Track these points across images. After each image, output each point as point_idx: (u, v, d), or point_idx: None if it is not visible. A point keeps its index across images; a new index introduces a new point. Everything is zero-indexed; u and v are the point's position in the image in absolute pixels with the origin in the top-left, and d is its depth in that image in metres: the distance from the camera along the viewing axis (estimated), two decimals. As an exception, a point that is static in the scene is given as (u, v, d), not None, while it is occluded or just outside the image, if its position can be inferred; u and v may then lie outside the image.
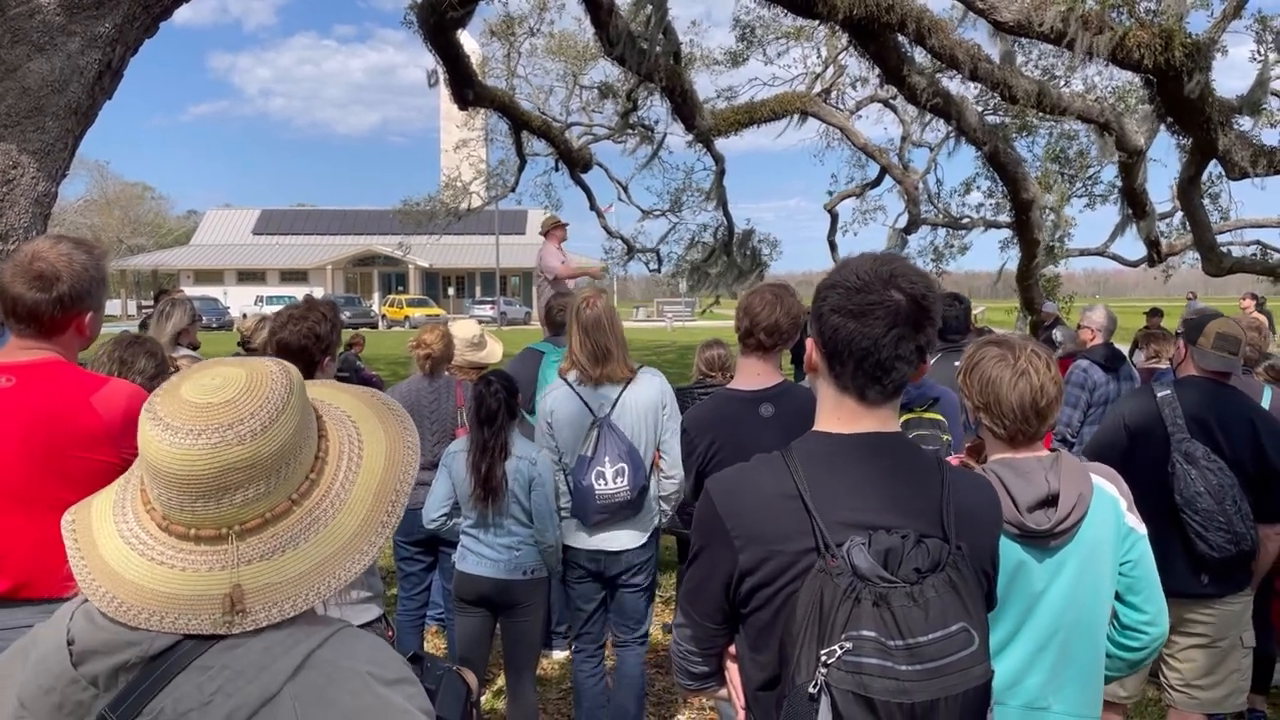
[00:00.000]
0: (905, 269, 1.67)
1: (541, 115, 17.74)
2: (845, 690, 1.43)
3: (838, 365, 1.65)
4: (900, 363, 1.63)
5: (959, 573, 1.52)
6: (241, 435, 1.10)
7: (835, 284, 1.67)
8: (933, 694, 1.44)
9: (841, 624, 1.45)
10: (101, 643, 1.11)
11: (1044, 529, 2.17)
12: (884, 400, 1.67)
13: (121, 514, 1.18)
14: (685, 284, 22.34)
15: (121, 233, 70.56)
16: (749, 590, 1.64)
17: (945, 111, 10.95)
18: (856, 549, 1.51)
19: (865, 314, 1.61)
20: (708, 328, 32.31)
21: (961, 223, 19.78)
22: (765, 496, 1.63)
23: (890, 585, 1.47)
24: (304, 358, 3.04)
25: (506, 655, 4.00)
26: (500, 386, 3.81)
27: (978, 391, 2.28)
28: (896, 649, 1.43)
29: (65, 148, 6.67)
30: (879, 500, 1.60)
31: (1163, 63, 7.89)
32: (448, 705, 1.41)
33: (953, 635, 1.47)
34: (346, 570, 1.17)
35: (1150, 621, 2.33)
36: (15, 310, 2.37)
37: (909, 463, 1.67)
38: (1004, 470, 2.24)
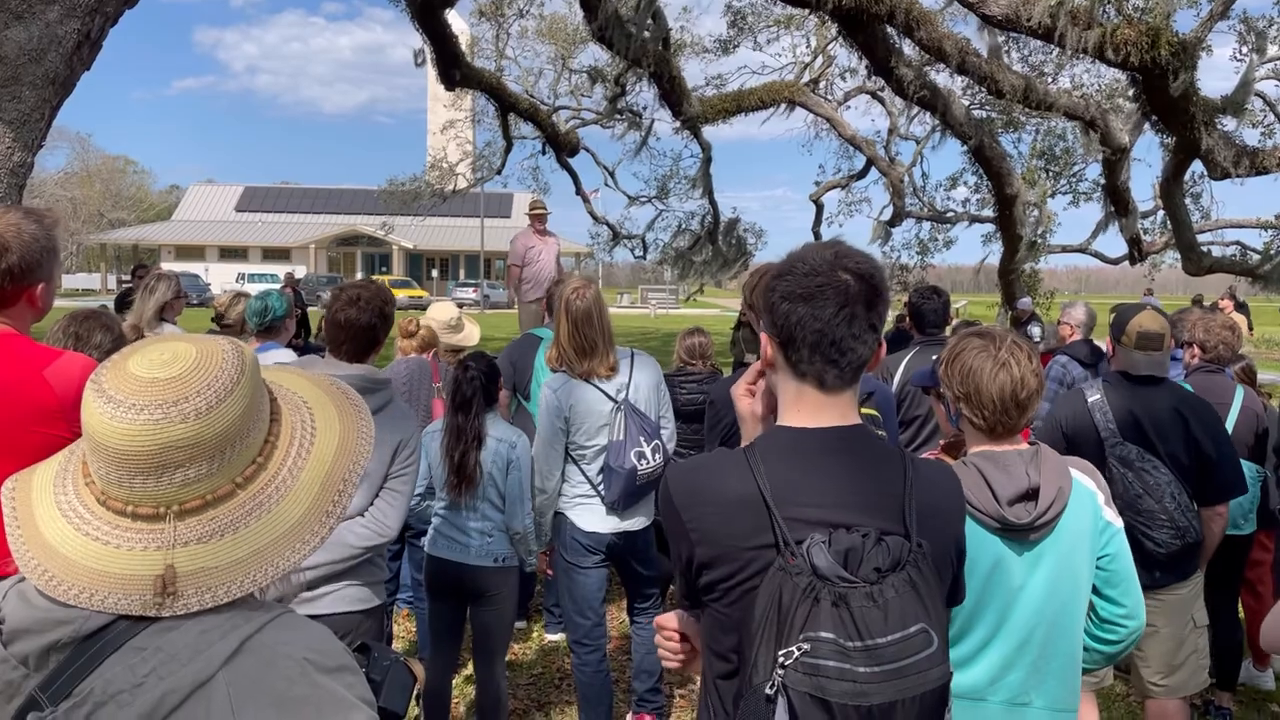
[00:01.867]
0: (850, 250, 1.67)
1: (529, 98, 17.65)
2: (802, 692, 1.41)
3: (793, 353, 1.63)
4: (855, 342, 1.61)
5: (919, 571, 1.50)
6: (185, 413, 1.08)
7: (783, 273, 1.66)
8: (890, 696, 1.42)
9: (800, 624, 1.43)
10: (33, 621, 1.08)
11: (1024, 522, 2.17)
12: (843, 385, 1.65)
13: (62, 486, 1.16)
14: (670, 271, 22.32)
15: (102, 206, 69.98)
16: (708, 583, 1.63)
17: (932, 104, 10.93)
18: (816, 548, 1.48)
19: (814, 296, 1.60)
20: (692, 315, 32.33)
21: (946, 216, 19.81)
22: (723, 492, 1.61)
23: (850, 585, 1.45)
24: (369, 336, 3.04)
25: (476, 643, 3.97)
26: (478, 372, 3.76)
27: (958, 381, 2.27)
28: (855, 650, 1.41)
29: (42, 118, 6.57)
30: (840, 497, 1.58)
31: (1149, 60, 7.90)
32: (393, 697, 1.38)
33: (911, 637, 1.45)
34: (285, 559, 1.14)
35: (1128, 615, 2.34)
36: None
37: (871, 457, 1.65)
38: (985, 463, 2.23)
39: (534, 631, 5.55)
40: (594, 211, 22.32)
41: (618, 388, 3.90)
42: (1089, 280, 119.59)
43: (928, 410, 4.56)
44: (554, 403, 3.88)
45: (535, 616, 5.67)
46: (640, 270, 45.59)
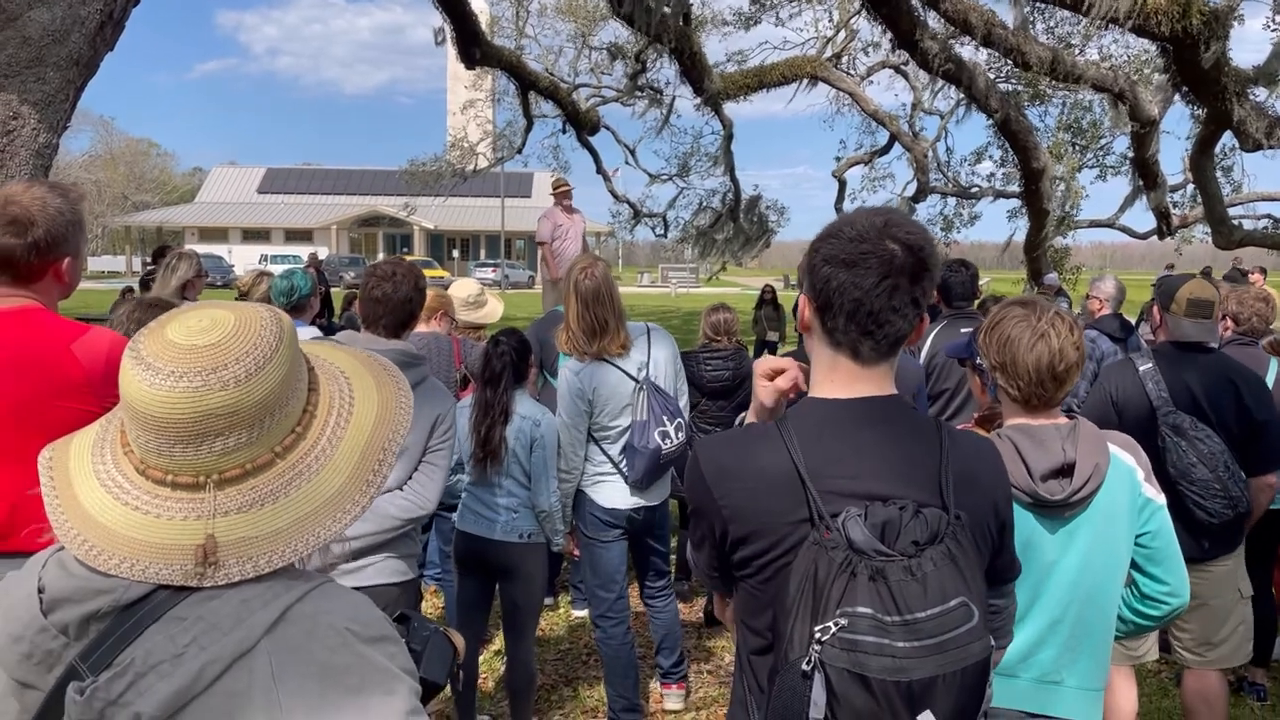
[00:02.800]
0: (902, 220, 1.61)
1: (550, 76, 17.59)
2: (840, 668, 1.38)
3: (829, 319, 1.59)
4: (894, 315, 1.56)
5: (958, 544, 1.46)
6: (225, 380, 1.06)
7: (829, 234, 1.61)
8: (931, 671, 1.39)
9: (836, 599, 1.40)
10: (73, 590, 1.08)
11: (1058, 499, 2.13)
12: (879, 359, 1.60)
13: (100, 455, 1.14)
14: (691, 250, 22.25)
15: (126, 189, 70.38)
16: (742, 559, 1.60)
17: (957, 78, 10.81)
18: (852, 521, 1.45)
19: (857, 263, 1.54)
20: (712, 294, 32.24)
21: (970, 192, 19.62)
22: (756, 467, 1.57)
23: (887, 559, 1.42)
24: (405, 310, 3.10)
25: (505, 618, 3.99)
26: (509, 348, 3.76)
27: (995, 350, 2.23)
28: (893, 625, 1.38)
29: (66, 99, 6.60)
30: (875, 469, 1.54)
31: (1180, 30, 7.77)
32: (433, 667, 1.37)
33: (951, 611, 1.41)
34: (326, 528, 1.13)
35: (1171, 592, 2.30)
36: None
37: (906, 428, 1.61)
38: (1020, 436, 2.19)
39: (561, 607, 5.57)
40: (615, 190, 22.28)
41: (638, 366, 3.89)
42: (1114, 256, 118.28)
43: (956, 383, 4.52)
44: (576, 385, 3.87)
45: (563, 593, 5.69)
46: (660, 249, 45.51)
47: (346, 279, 41.08)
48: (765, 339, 16.40)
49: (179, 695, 1.02)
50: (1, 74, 6.43)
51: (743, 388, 5.43)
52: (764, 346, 16.24)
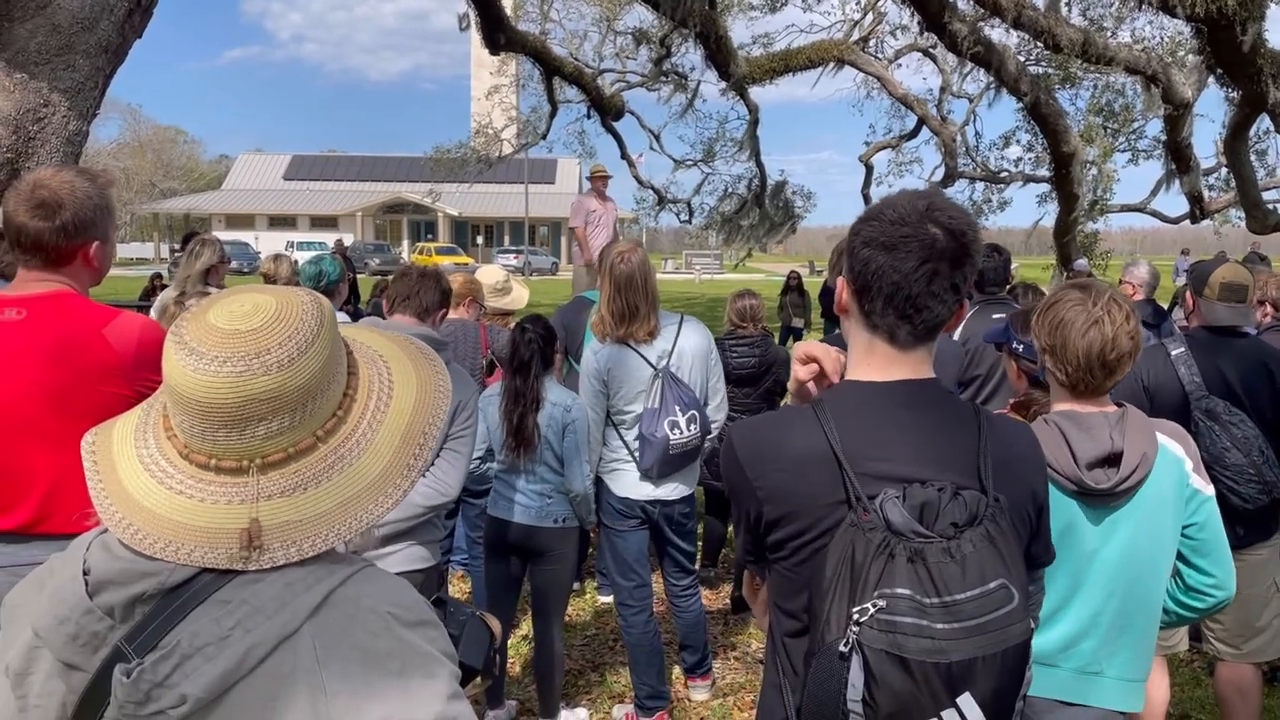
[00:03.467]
0: (945, 204, 1.59)
1: (574, 61, 17.52)
2: (878, 649, 1.38)
3: (867, 302, 1.57)
4: (933, 301, 1.54)
5: (997, 526, 1.45)
6: (268, 365, 1.06)
7: (870, 217, 1.59)
8: (970, 653, 1.38)
9: (874, 581, 1.40)
10: (117, 573, 1.08)
11: (1103, 488, 2.10)
12: (916, 343, 1.59)
13: (143, 439, 1.15)
14: (716, 236, 22.18)
15: (154, 176, 70.99)
16: (777, 541, 1.59)
17: (986, 61, 10.69)
18: (890, 503, 1.44)
19: (897, 247, 1.52)
20: (736, 280, 32.14)
21: (999, 177, 19.43)
22: (793, 450, 1.56)
23: (926, 540, 1.41)
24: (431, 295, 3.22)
25: (534, 602, 4.01)
26: (535, 334, 3.76)
27: (1047, 332, 2.20)
28: (932, 607, 1.37)
29: (96, 86, 6.65)
30: (913, 451, 1.53)
31: (1215, 11, 7.64)
32: (470, 651, 1.37)
33: (991, 592, 1.40)
34: (369, 512, 1.13)
35: (1217, 585, 2.26)
36: (20, 240, 2.33)
37: (944, 411, 1.60)
38: (1067, 423, 2.16)
39: (587, 593, 5.59)
40: (639, 175, 22.22)
41: (659, 354, 3.87)
42: (1145, 241, 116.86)
43: (988, 369, 4.48)
44: (593, 365, 3.89)
45: (589, 578, 5.70)
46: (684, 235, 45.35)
47: (372, 265, 41.34)
48: (791, 325, 16.34)
49: (225, 677, 1.03)
50: (32, 61, 6.49)
51: (769, 375, 5.41)
52: (789, 333, 16.19)
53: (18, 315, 2.32)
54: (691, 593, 4.28)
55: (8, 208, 2.34)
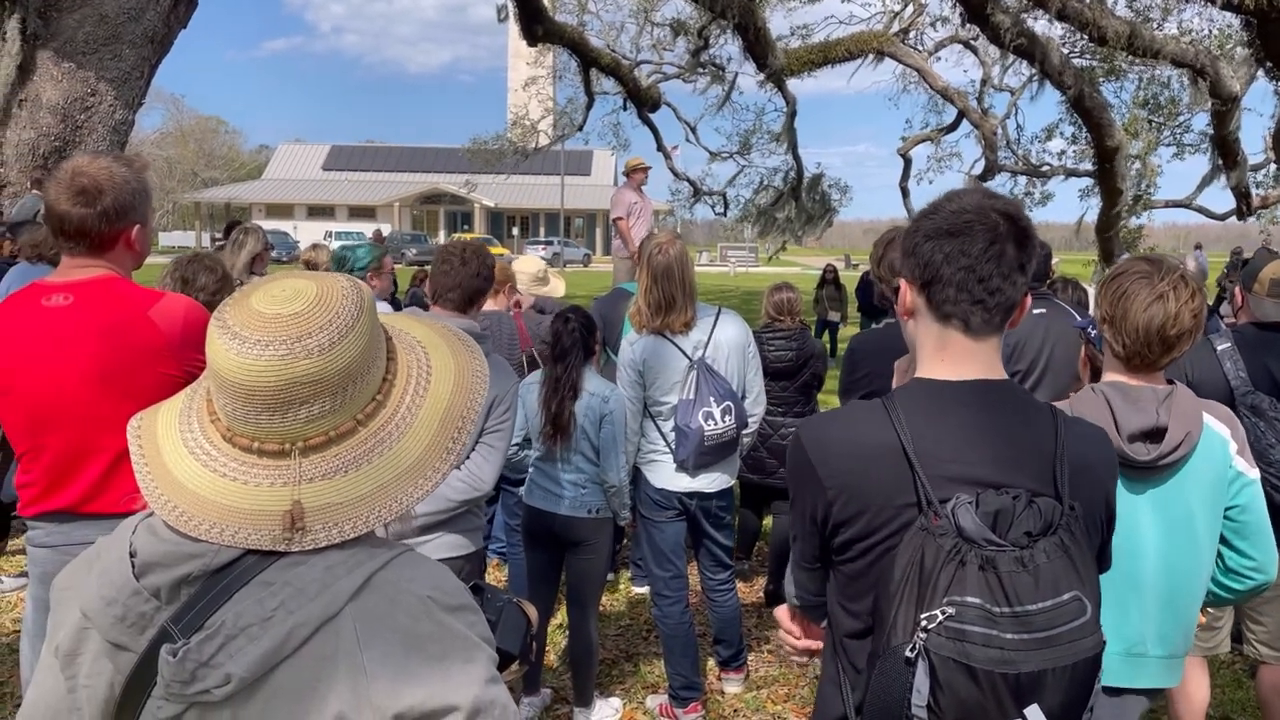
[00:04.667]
0: (997, 194, 1.62)
1: (611, 53, 17.49)
2: (945, 657, 1.37)
3: (937, 292, 1.56)
4: (1004, 282, 1.53)
5: (1072, 536, 1.42)
6: (309, 349, 1.07)
7: (927, 213, 1.60)
8: (1039, 665, 1.36)
9: (944, 587, 1.38)
10: (163, 554, 1.10)
11: (1143, 460, 2.07)
12: (989, 331, 1.57)
13: (187, 423, 1.17)
14: (751, 229, 22.10)
15: (196, 165, 71.92)
16: (844, 542, 1.58)
17: (1029, 53, 10.54)
18: (963, 509, 1.42)
19: (963, 231, 1.53)
20: (771, 273, 32.02)
21: (1041, 170, 19.17)
22: (863, 446, 1.55)
23: (998, 549, 1.38)
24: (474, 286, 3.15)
25: (569, 591, 4.03)
26: (577, 324, 3.78)
27: (1108, 302, 2.18)
28: (1003, 617, 1.35)
29: (141, 76, 6.74)
30: (987, 454, 1.50)
31: (1265, 2, 7.47)
32: (507, 637, 1.38)
33: (1064, 604, 1.38)
34: (408, 495, 1.14)
35: (1257, 568, 2.23)
36: (63, 228, 2.37)
37: (1020, 413, 1.57)
38: (1114, 393, 2.14)
39: (621, 584, 5.60)
40: (675, 168, 22.18)
41: (695, 345, 3.87)
42: (1188, 237, 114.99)
43: (1029, 363, 4.43)
44: (629, 356, 3.91)
45: (623, 569, 5.71)
46: (718, 227, 45.25)
47: (409, 256, 41.61)
48: (827, 319, 16.25)
49: (268, 657, 1.04)
50: (79, 51, 6.59)
51: (806, 368, 5.38)
52: (825, 326, 16.10)
53: (65, 301, 2.37)
54: (728, 587, 4.28)
55: (49, 197, 2.38)
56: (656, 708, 4.17)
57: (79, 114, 6.32)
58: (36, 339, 2.35)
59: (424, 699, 1.07)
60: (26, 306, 2.40)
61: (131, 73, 6.48)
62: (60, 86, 6.20)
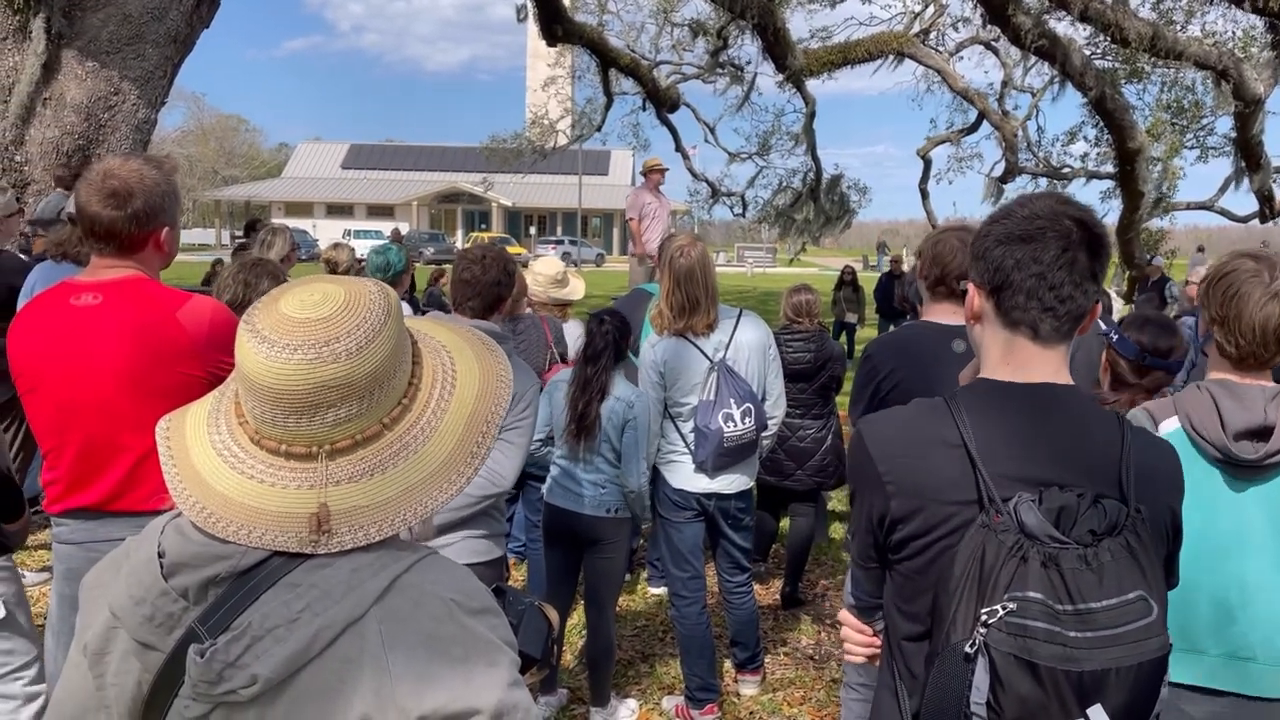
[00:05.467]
0: (1072, 200, 1.60)
1: (630, 53, 17.50)
2: (1006, 653, 1.34)
3: (1007, 298, 1.54)
4: (1075, 290, 1.51)
5: (1138, 538, 1.40)
6: (337, 353, 1.08)
7: (999, 218, 1.58)
8: (1103, 663, 1.34)
9: (1005, 584, 1.36)
10: (191, 555, 1.11)
11: (1250, 459, 2.03)
12: (1058, 339, 1.55)
13: (215, 425, 1.17)
14: (769, 230, 22.05)
15: (216, 163, 72.37)
16: (901, 539, 1.56)
17: (1051, 54, 10.48)
18: (1026, 506, 1.40)
19: (1036, 237, 1.51)
20: (789, 274, 31.95)
21: (1062, 172, 19.05)
22: (925, 443, 1.54)
23: (1061, 546, 1.36)
24: (493, 293, 3.13)
25: (587, 590, 4.05)
26: (611, 326, 3.80)
27: (1219, 303, 2.13)
28: (1065, 614, 1.33)
29: (164, 75, 6.79)
30: (1051, 455, 1.49)
31: (1292, 4, 7.40)
32: (529, 639, 1.39)
33: (1129, 603, 1.36)
34: (434, 498, 1.15)
35: None
36: (94, 229, 2.40)
37: (1085, 417, 1.55)
38: (1220, 391, 2.10)
39: (638, 584, 5.60)
40: (693, 168, 22.17)
41: (715, 347, 3.88)
42: (1209, 240, 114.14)
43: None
44: (650, 358, 3.93)
45: (639, 569, 5.71)
46: (735, 228, 45.14)
47: (426, 255, 41.73)
48: (844, 320, 16.19)
49: (294, 659, 1.05)
50: (103, 50, 6.64)
51: (824, 370, 5.36)
52: (843, 328, 16.05)
53: (94, 300, 2.39)
54: (745, 589, 4.28)
55: (80, 199, 2.40)
56: (673, 709, 4.18)
57: (102, 112, 6.37)
58: (65, 337, 2.37)
59: (447, 702, 1.07)
60: (56, 305, 2.42)
61: (154, 72, 6.53)
62: (84, 85, 6.25)
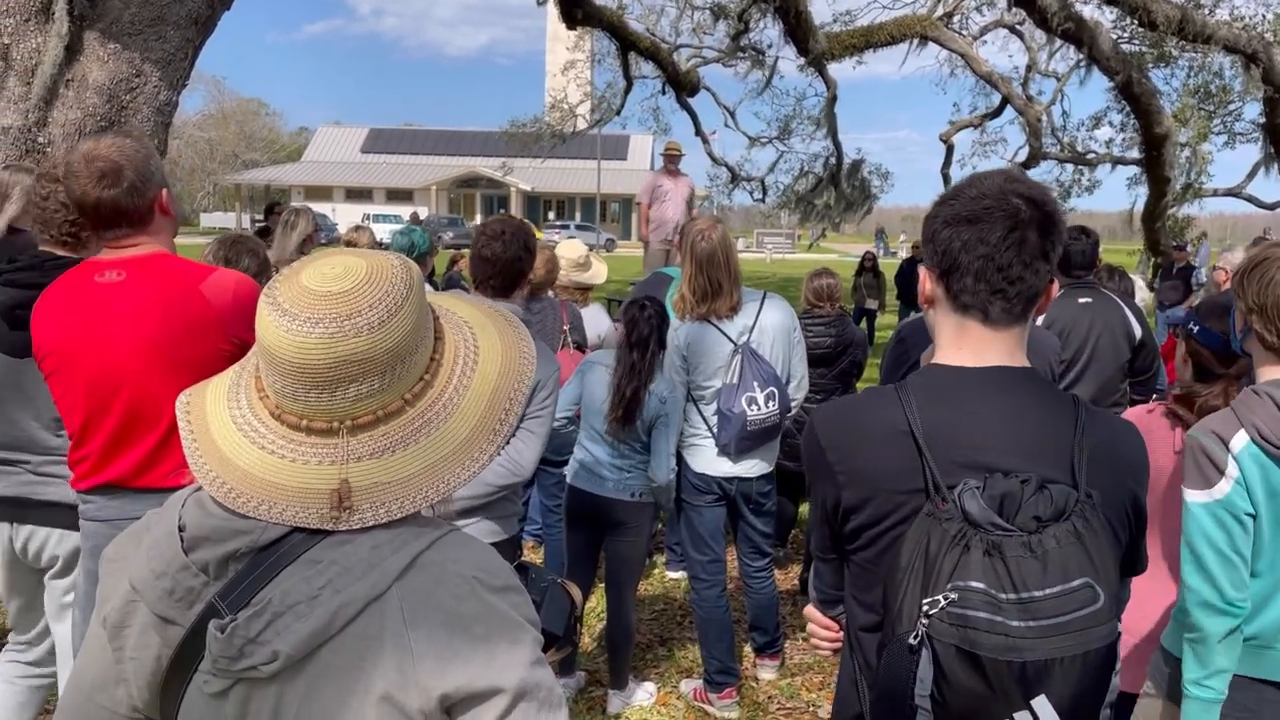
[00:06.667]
0: (1021, 177, 1.55)
1: (650, 36, 17.38)
2: (948, 644, 1.33)
3: (956, 282, 1.51)
4: (1025, 270, 1.48)
5: (1086, 523, 1.37)
6: (359, 327, 1.07)
7: (947, 199, 1.55)
8: (1047, 653, 1.32)
9: (948, 573, 1.34)
10: (211, 530, 1.10)
11: None
12: (1010, 321, 1.52)
13: (235, 399, 1.16)
14: (789, 215, 21.93)
15: (237, 147, 72.53)
16: (854, 529, 1.55)
17: (1077, 38, 10.36)
18: (969, 493, 1.38)
19: (982, 218, 1.48)
20: (808, 260, 31.80)
21: (1086, 158, 18.83)
22: (873, 431, 1.52)
23: (1005, 534, 1.34)
24: (514, 269, 3.09)
25: (608, 573, 4.05)
26: (654, 312, 3.79)
27: (1255, 292, 2.09)
28: (1008, 603, 1.31)
29: (185, 57, 6.78)
30: (1001, 440, 1.46)
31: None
32: (551, 617, 1.38)
33: (1074, 591, 1.33)
34: (455, 476, 1.14)
35: None
36: (99, 214, 2.38)
37: (1038, 400, 1.52)
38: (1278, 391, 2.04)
39: (656, 568, 5.60)
40: (713, 153, 22.04)
41: (740, 330, 3.85)
42: (1235, 227, 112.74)
43: (1074, 353, 4.38)
44: (674, 342, 3.90)
45: (658, 553, 5.70)
46: (755, 213, 44.94)
47: (445, 239, 41.73)
48: (864, 306, 16.12)
49: (315, 635, 1.04)
50: (125, 32, 6.65)
51: (845, 355, 5.33)
52: (863, 314, 15.97)
53: (118, 277, 2.39)
54: (765, 574, 4.27)
55: (75, 193, 2.39)
56: (691, 692, 4.17)
57: (124, 94, 6.37)
58: (91, 315, 2.38)
59: (469, 680, 1.06)
60: (80, 283, 2.43)
61: (176, 54, 6.52)
62: (106, 67, 6.25)
